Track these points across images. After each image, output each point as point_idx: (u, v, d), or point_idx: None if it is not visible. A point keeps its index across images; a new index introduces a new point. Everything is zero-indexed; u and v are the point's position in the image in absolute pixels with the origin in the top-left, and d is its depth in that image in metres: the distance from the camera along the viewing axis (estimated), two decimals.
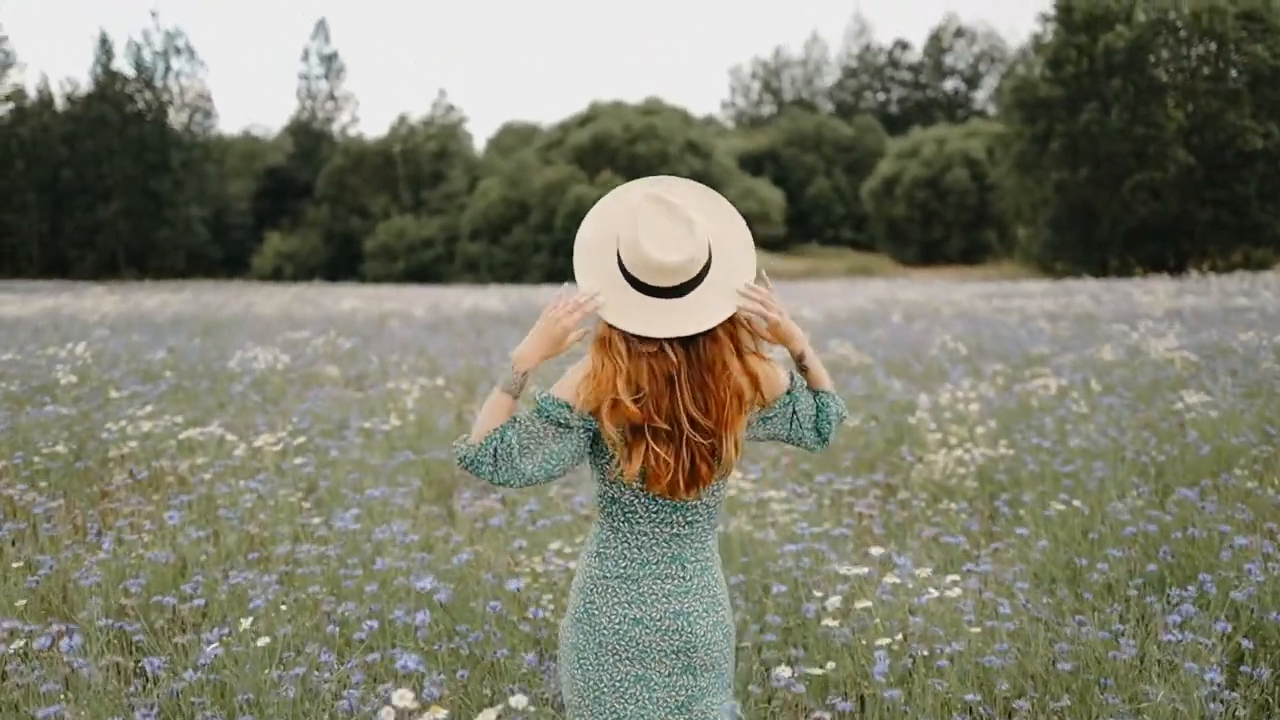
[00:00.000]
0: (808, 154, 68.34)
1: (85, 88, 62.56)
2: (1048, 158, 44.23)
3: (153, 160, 60.58)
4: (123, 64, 76.98)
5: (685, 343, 2.41)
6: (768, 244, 57.00)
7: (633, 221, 2.40)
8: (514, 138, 67.02)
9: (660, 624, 2.46)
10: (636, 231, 2.38)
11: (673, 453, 2.40)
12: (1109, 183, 43.05)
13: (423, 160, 62.65)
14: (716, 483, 2.50)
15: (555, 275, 48.38)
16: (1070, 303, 20.38)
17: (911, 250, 58.59)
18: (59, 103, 62.12)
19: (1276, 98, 41.38)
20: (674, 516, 2.50)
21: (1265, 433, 6.72)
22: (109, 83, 61.86)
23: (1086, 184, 43.45)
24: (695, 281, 2.41)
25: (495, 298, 26.90)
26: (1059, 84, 43.86)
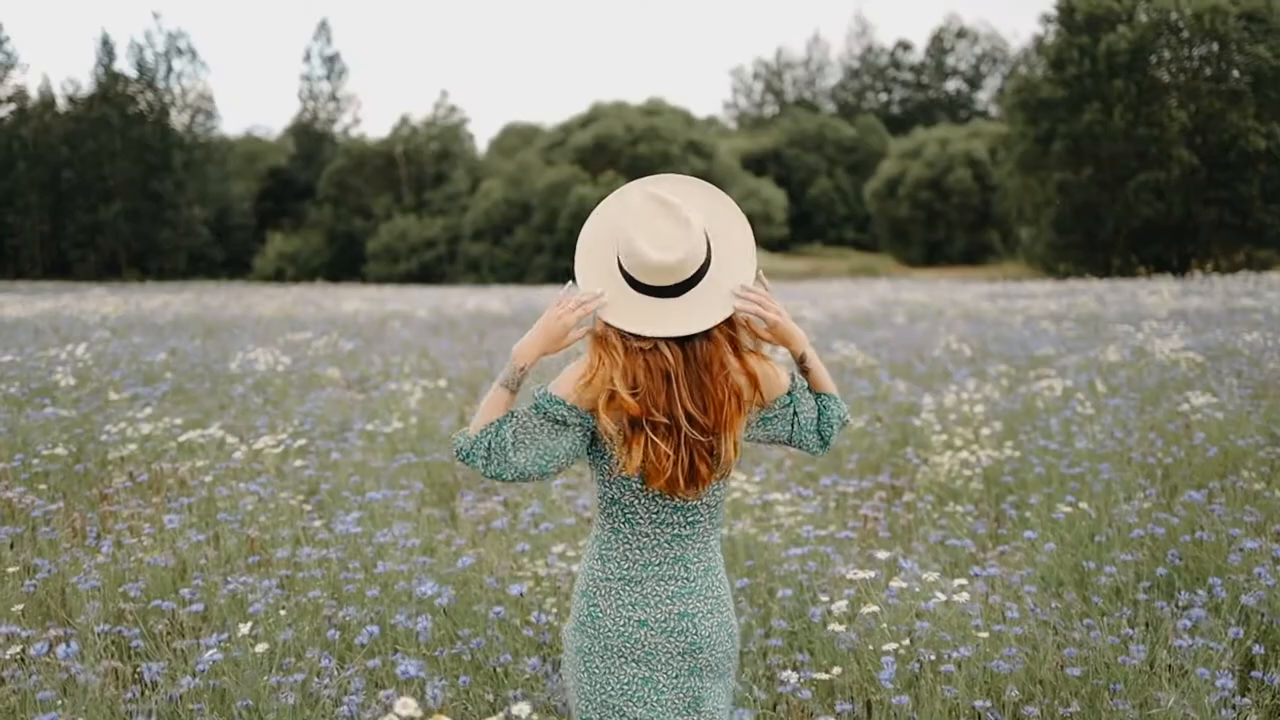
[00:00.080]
0: (810, 154, 68.41)
1: (87, 89, 62.76)
2: (1050, 158, 44.21)
3: (154, 161, 60.65)
4: (125, 65, 77.12)
5: (682, 342, 2.40)
6: (770, 244, 57.04)
7: (630, 221, 2.39)
8: (516, 138, 67.01)
9: (665, 625, 2.45)
10: (633, 230, 2.38)
11: (671, 447, 2.38)
12: (1112, 183, 43.04)
13: (425, 161, 62.71)
14: (717, 483, 2.49)
15: (557, 276, 48.42)
16: (1074, 303, 20.35)
17: (914, 251, 58.65)
18: (61, 104, 62.20)
19: (1279, 98, 41.33)
20: (675, 517, 2.48)
21: (1273, 434, 6.68)
22: (111, 84, 61.93)
23: (1089, 184, 43.44)
24: (693, 281, 2.39)
25: (498, 299, 26.86)
26: (1061, 85, 43.85)
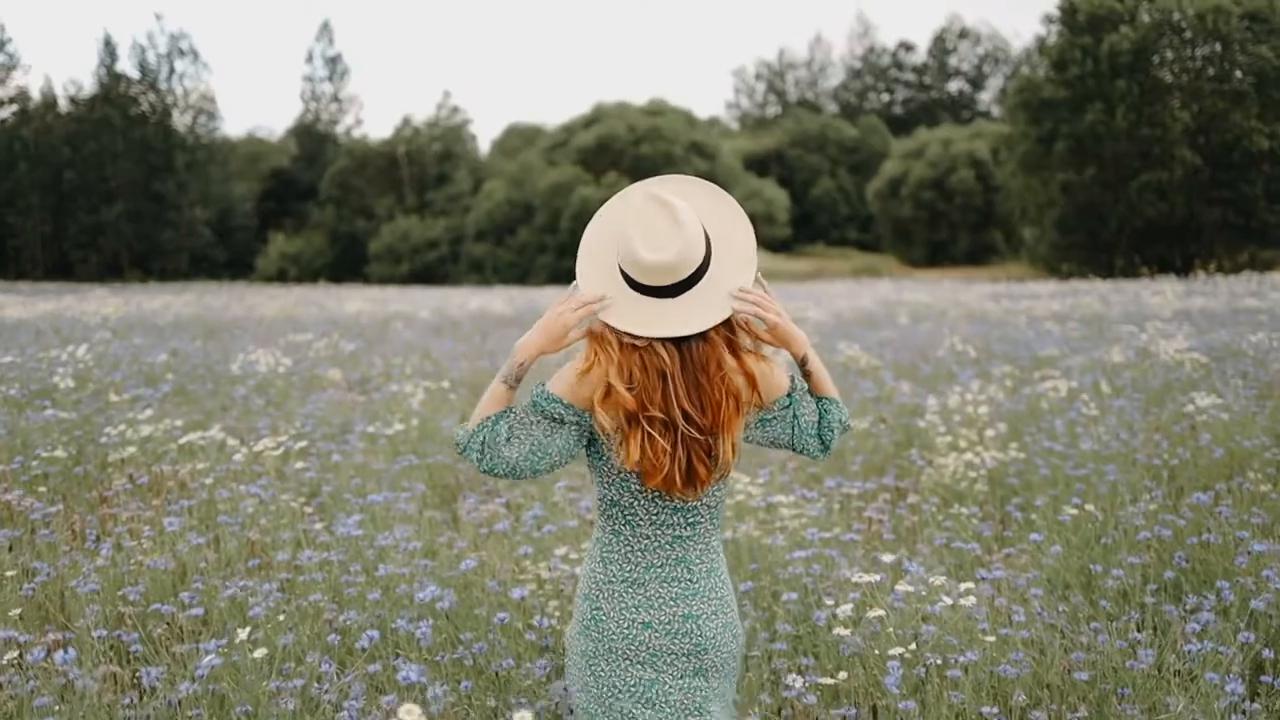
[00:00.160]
0: (812, 155, 68.40)
1: (89, 90, 62.74)
2: (1053, 159, 44.16)
3: (157, 162, 60.65)
4: (127, 66, 77.21)
5: (678, 342, 2.40)
6: (773, 245, 57.02)
7: (629, 221, 2.39)
8: (518, 139, 66.96)
9: (669, 627, 2.45)
10: (631, 231, 2.38)
11: (669, 444, 2.37)
12: (1115, 184, 42.99)
13: (427, 162, 62.70)
14: (716, 484, 2.48)
15: (560, 276, 48.43)
16: (1077, 304, 20.30)
17: (917, 251, 58.59)
18: (63, 105, 62.18)
19: None
20: (675, 518, 2.47)
21: (1278, 436, 6.63)
22: (113, 85, 61.92)
23: (1092, 185, 43.38)
24: (691, 281, 2.38)
25: (500, 299, 26.82)
26: (1064, 85, 43.79)
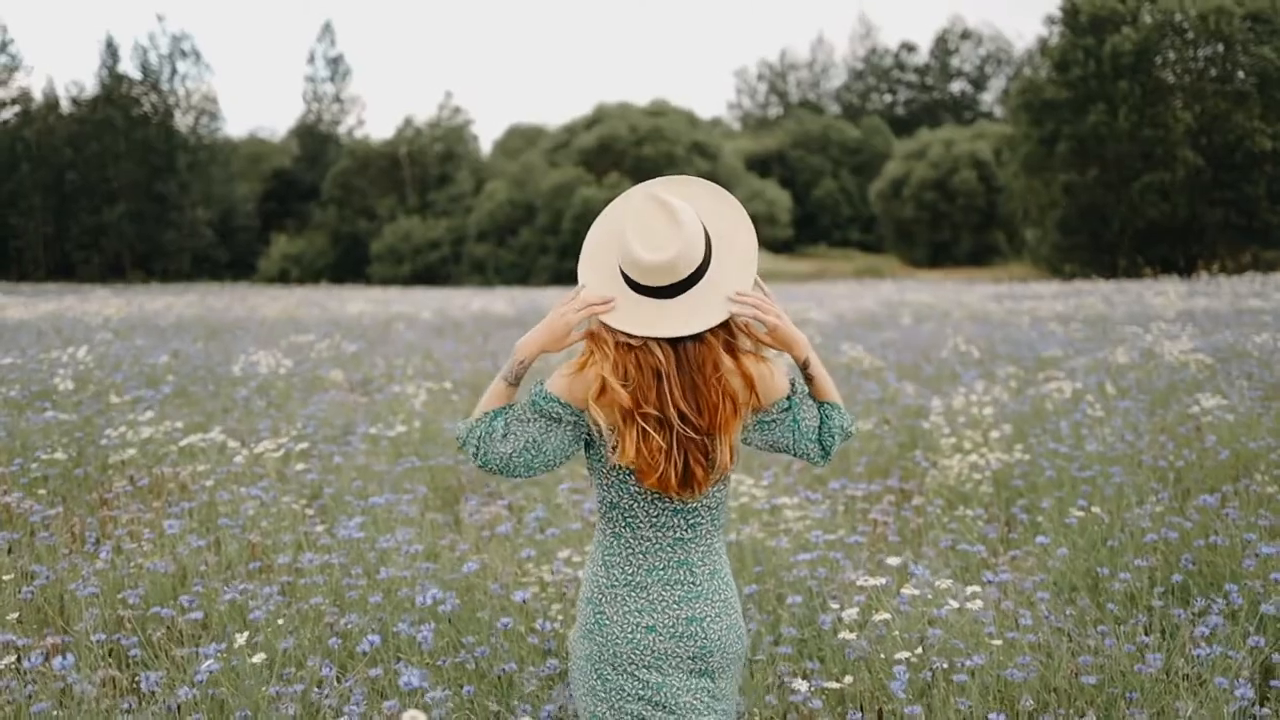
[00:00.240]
0: (814, 155, 68.36)
1: (91, 90, 62.79)
2: (1055, 159, 44.10)
3: (158, 163, 60.67)
4: (129, 67, 76.95)
5: (673, 342, 2.39)
6: (775, 246, 56.99)
7: (629, 221, 2.39)
8: (520, 140, 66.93)
9: (674, 630, 2.43)
10: (630, 231, 2.37)
11: (664, 442, 2.36)
12: (1117, 184, 42.93)
13: (429, 162, 62.69)
14: (714, 485, 2.46)
15: (562, 277, 48.39)
16: (1081, 304, 20.25)
17: (919, 252, 58.53)
18: (65, 105, 62.23)
19: None
20: (675, 520, 2.46)
21: None
22: (115, 85, 61.95)
23: (1095, 185, 43.33)
24: (690, 281, 2.37)
25: (502, 300, 26.79)
26: (1066, 86, 43.73)
